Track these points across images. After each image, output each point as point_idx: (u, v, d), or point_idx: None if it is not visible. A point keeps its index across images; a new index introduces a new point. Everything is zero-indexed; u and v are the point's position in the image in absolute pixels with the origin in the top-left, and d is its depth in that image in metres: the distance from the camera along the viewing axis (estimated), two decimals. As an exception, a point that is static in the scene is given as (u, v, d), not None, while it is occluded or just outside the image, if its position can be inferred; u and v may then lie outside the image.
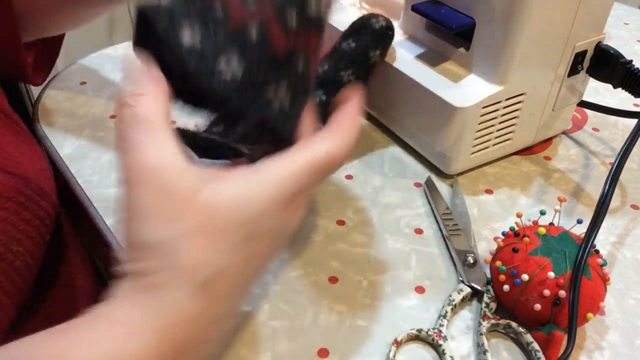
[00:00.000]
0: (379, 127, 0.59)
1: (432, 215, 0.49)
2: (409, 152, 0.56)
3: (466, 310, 0.42)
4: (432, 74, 0.51)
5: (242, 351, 0.39)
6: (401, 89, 0.53)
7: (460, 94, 0.49)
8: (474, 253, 0.44)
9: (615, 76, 0.51)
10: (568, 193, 0.52)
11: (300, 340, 0.39)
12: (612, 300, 0.43)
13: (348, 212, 0.49)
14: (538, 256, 0.39)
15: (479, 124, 0.49)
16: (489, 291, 0.42)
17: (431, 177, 0.52)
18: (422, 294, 0.43)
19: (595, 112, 0.60)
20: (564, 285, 0.38)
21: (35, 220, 0.40)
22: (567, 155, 0.57)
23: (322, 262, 0.45)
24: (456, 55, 0.51)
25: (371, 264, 0.45)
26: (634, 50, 0.74)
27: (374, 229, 0.48)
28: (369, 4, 0.61)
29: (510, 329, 0.40)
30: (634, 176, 0.54)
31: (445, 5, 0.50)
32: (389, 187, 0.52)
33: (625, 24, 0.80)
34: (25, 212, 0.39)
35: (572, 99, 0.55)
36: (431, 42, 0.53)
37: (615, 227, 0.49)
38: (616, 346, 0.40)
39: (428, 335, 0.39)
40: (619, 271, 0.45)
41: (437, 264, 0.45)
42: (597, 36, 0.51)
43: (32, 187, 0.40)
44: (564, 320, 0.38)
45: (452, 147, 0.51)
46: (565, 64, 0.51)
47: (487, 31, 0.47)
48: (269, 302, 0.42)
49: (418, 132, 0.54)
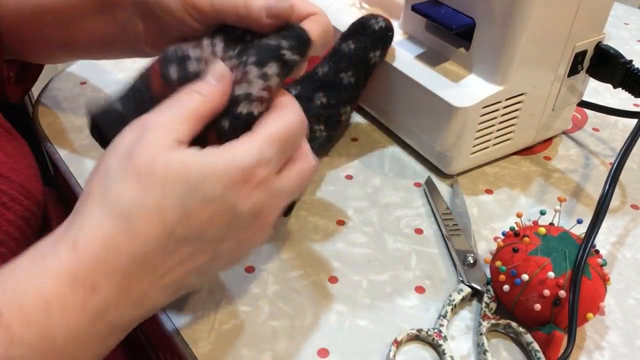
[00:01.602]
0: (379, 127, 0.59)
1: (432, 215, 0.49)
2: (409, 152, 0.56)
3: (466, 310, 0.42)
4: (432, 74, 0.51)
5: (242, 351, 0.39)
6: (401, 89, 0.53)
7: (460, 94, 0.49)
8: (474, 253, 0.44)
9: (615, 76, 0.51)
10: (568, 193, 0.52)
11: (300, 340, 0.39)
12: (612, 300, 0.43)
13: (348, 212, 0.49)
14: (538, 256, 0.39)
15: (479, 124, 0.49)
16: (489, 291, 0.42)
17: (431, 177, 0.52)
18: (422, 294, 0.43)
19: (595, 112, 0.60)
20: (564, 285, 0.38)
21: (19, 220, 0.40)
22: (567, 155, 0.57)
23: (322, 262, 0.45)
24: (456, 55, 0.51)
25: (371, 264, 0.45)
26: (634, 50, 0.74)
27: (374, 229, 0.48)
28: (369, 4, 0.61)
29: (510, 329, 0.40)
30: (634, 176, 0.54)
31: (445, 5, 0.50)
32: (389, 187, 0.52)
33: (625, 24, 0.80)
34: (8, 212, 0.39)
35: (572, 99, 0.55)
36: (431, 42, 0.53)
37: (615, 227, 0.49)
38: (616, 346, 0.40)
39: (428, 335, 0.39)
40: (619, 271, 0.45)
41: (437, 264, 0.45)
42: (597, 36, 0.51)
43: (15, 187, 0.40)
44: (564, 320, 0.38)
45: (452, 147, 0.51)
46: (565, 64, 0.51)
47: (487, 31, 0.47)
48: (269, 302, 0.42)
49: (418, 132, 0.54)
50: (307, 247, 0.46)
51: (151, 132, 0.31)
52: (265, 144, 0.32)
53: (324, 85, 0.53)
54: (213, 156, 0.31)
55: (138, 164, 0.30)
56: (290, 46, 0.35)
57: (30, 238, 0.42)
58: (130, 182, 0.30)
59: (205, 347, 0.39)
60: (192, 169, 0.30)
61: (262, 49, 0.35)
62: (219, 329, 0.40)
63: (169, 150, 0.30)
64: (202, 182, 0.30)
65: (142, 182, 0.29)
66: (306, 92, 0.53)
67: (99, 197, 0.30)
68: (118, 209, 0.29)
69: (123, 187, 0.30)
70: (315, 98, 0.53)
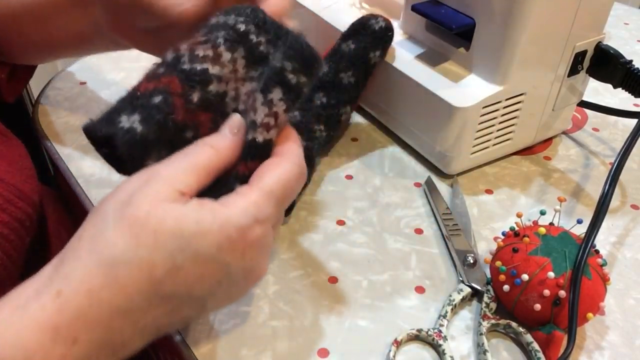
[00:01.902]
0: (379, 127, 0.59)
1: (432, 215, 0.49)
2: (409, 152, 0.56)
3: (466, 310, 0.42)
4: (432, 74, 0.51)
5: (242, 351, 0.39)
6: (401, 89, 0.53)
7: (460, 94, 0.49)
8: (474, 253, 0.44)
9: (615, 76, 0.51)
10: (568, 193, 0.52)
11: (300, 340, 0.39)
12: (612, 300, 0.43)
13: (348, 212, 0.49)
14: (538, 256, 0.39)
15: (479, 124, 0.49)
16: (489, 291, 0.42)
17: (431, 177, 0.52)
18: (422, 294, 0.43)
19: (595, 112, 0.60)
20: (564, 285, 0.38)
21: (14, 222, 0.40)
22: (567, 155, 0.57)
23: (322, 262, 0.45)
24: (456, 55, 0.51)
25: (371, 264, 0.45)
26: (634, 50, 0.74)
27: (374, 229, 0.48)
28: (369, 4, 0.61)
29: (510, 329, 0.40)
30: (634, 176, 0.54)
31: (445, 5, 0.50)
32: (389, 187, 0.52)
33: (625, 24, 0.80)
34: (2, 214, 0.39)
35: (572, 99, 0.55)
36: (431, 42, 0.53)
37: (615, 227, 0.49)
38: (616, 346, 0.40)
39: (428, 335, 0.39)
40: (619, 271, 0.45)
41: (437, 264, 0.45)
42: (597, 36, 0.51)
43: (9, 189, 0.40)
44: (564, 320, 0.38)
45: (452, 147, 0.51)
46: (565, 64, 0.51)
47: (487, 31, 0.47)
48: (269, 302, 0.42)
49: (418, 132, 0.54)
50: (307, 247, 0.46)
51: (154, 182, 0.30)
52: (262, 200, 0.31)
53: (324, 85, 0.53)
54: (210, 213, 0.30)
55: (134, 214, 0.29)
56: (293, 69, 0.34)
57: (24, 239, 0.42)
58: (123, 231, 0.29)
59: (205, 347, 0.39)
60: (187, 225, 0.29)
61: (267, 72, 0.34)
62: (219, 329, 0.40)
63: (168, 203, 0.29)
64: (195, 239, 0.29)
65: (134, 233, 0.29)
66: (306, 92, 0.53)
67: (90, 241, 0.29)
68: (106, 258, 0.28)
69: (115, 236, 0.29)
70: (315, 98, 0.53)
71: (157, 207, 0.29)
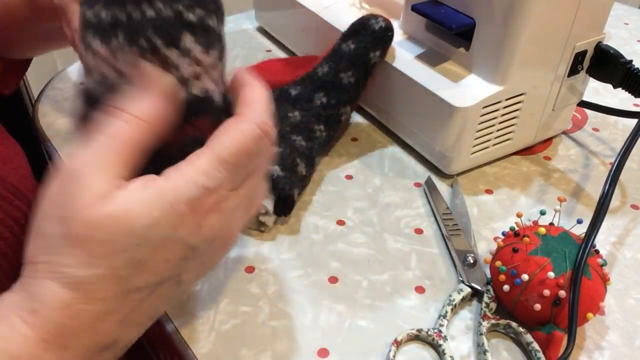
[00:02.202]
0: (379, 127, 0.59)
1: (432, 215, 0.49)
2: (409, 152, 0.56)
3: (466, 310, 0.42)
4: (432, 74, 0.51)
5: (242, 351, 0.39)
6: (401, 89, 0.53)
7: (460, 94, 0.49)
8: (474, 253, 0.44)
9: (615, 76, 0.51)
10: (568, 193, 0.52)
11: (300, 340, 0.39)
12: (612, 300, 0.43)
13: (348, 212, 0.49)
14: (538, 256, 0.39)
15: (479, 124, 0.49)
16: (489, 291, 0.42)
17: (431, 177, 0.52)
18: (422, 294, 0.43)
19: (595, 112, 0.60)
20: (564, 285, 0.38)
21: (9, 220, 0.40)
22: (567, 155, 0.57)
23: (322, 262, 0.45)
24: (456, 55, 0.51)
25: (371, 264, 0.45)
26: (634, 50, 0.74)
27: (374, 229, 0.48)
28: (369, 4, 0.61)
29: (510, 329, 0.40)
30: (634, 176, 0.54)
31: (445, 5, 0.50)
32: (389, 187, 0.52)
33: (625, 24, 0.80)
34: None
35: (572, 99, 0.55)
36: (431, 42, 0.53)
37: (615, 227, 0.49)
38: (616, 346, 0.40)
39: (428, 335, 0.39)
40: (619, 271, 0.45)
41: (437, 264, 0.45)
42: (597, 36, 0.51)
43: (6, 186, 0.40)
44: (564, 320, 0.38)
45: (452, 147, 0.51)
46: (565, 64, 0.51)
47: (487, 31, 0.47)
48: (269, 302, 0.42)
49: (418, 132, 0.54)
50: (307, 247, 0.46)
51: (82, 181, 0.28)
52: (212, 168, 0.29)
53: (324, 85, 0.53)
54: (156, 193, 0.28)
55: (78, 231, 0.28)
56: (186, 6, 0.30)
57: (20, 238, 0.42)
58: (76, 252, 0.28)
59: (205, 347, 0.39)
60: (136, 219, 0.28)
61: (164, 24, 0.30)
62: (219, 329, 0.40)
63: (106, 201, 0.28)
64: (149, 230, 0.28)
65: (85, 250, 0.27)
66: (306, 92, 0.53)
67: (48, 270, 0.28)
68: (71, 281, 0.28)
69: (70, 260, 0.28)
70: (315, 98, 0.53)
71: (97, 213, 0.27)
